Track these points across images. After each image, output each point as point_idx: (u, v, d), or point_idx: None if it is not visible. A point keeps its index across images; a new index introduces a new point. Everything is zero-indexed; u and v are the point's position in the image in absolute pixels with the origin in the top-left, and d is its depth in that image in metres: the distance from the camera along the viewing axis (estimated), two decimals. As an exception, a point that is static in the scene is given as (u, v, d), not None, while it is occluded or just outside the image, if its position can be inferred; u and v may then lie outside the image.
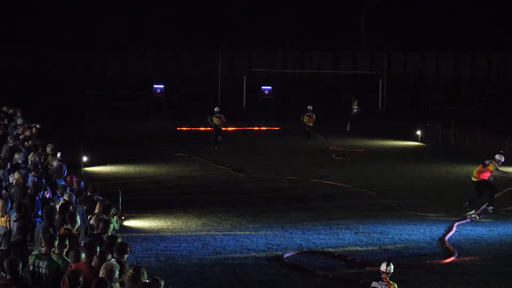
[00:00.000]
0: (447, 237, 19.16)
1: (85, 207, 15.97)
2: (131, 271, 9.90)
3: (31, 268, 11.19)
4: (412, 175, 28.70)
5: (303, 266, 16.63)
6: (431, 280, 15.96)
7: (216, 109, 35.44)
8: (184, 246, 18.00)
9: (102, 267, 10.30)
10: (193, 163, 30.17)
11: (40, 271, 11.11)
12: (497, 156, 22.42)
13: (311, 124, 36.88)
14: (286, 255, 17.33)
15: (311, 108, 36.89)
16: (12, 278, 10.23)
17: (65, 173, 19.94)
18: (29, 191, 16.63)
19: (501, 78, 57.04)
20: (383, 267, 13.05)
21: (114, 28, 53.41)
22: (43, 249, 11.37)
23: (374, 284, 12.91)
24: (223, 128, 35.90)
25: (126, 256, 11.46)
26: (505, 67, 57.70)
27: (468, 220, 21.13)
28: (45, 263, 11.10)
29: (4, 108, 30.52)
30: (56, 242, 11.40)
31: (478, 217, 21.32)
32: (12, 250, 14.16)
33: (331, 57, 57.17)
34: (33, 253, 11.64)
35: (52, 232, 12.21)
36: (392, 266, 13.09)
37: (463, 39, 54.98)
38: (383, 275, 12.94)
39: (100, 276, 10.11)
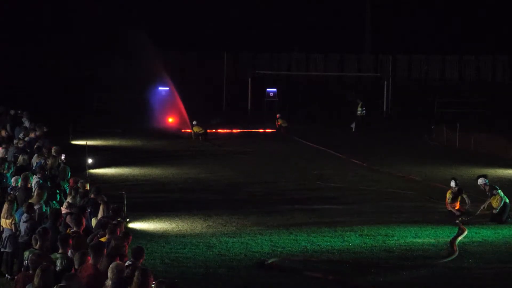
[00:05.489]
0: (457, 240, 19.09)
1: (89, 210, 15.98)
2: (137, 273, 9.93)
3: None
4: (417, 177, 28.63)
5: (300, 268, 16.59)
6: (435, 282, 15.95)
7: (194, 122, 39.04)
8: (189, 248, 18.00)
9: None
10: (196, 166, 30.18)
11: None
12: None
13: (285, 125, 42.23)
14: (269, 261, 17.12)
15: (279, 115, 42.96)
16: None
17: (69, 175, 19.96)
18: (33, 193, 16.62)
19: (506, 80, 56.91)
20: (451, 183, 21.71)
21: (118, 31, 53.38)
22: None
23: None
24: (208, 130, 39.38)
25: (141, 260, 11.47)
26: (511, 69, 57.59)
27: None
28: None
29: (12, 112, 30.68)
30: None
31: (465, 219, 21.15)
32: (20, 251, 14.13)
33: (336, 60, 57.11)
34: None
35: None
36: (454, 182, 21.76)
37: (468, 42, 54.93)
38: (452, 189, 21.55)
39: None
